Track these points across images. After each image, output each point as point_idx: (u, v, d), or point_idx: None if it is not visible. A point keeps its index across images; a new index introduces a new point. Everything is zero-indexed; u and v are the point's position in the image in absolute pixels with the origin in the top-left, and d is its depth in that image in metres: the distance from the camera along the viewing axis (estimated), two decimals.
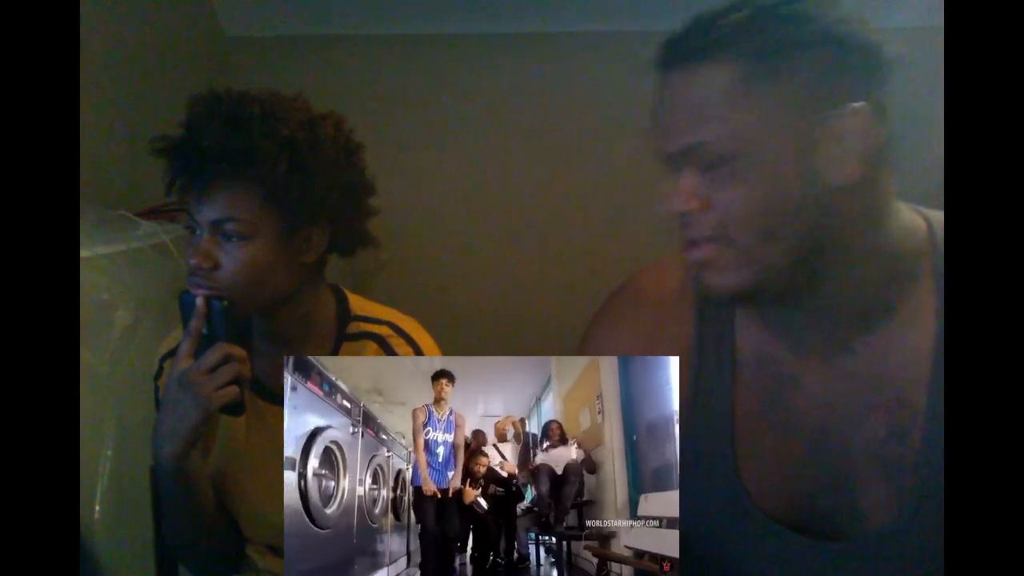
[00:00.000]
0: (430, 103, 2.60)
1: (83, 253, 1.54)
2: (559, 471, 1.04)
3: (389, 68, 2.59)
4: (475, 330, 2.66)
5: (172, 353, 1.26)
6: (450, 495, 1.03)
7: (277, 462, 1.23)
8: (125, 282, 1.61)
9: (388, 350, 1.21)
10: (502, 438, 1.05)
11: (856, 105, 0.80)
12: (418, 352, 1.21)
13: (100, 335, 1.55)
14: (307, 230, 1.15)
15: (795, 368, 0.91)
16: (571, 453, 1.04)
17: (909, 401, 0.87)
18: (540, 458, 1.04)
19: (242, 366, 1.11)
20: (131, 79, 2.16)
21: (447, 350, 1.26)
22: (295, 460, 1.01)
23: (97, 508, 1.51)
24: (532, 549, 1.03)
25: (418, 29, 2.54)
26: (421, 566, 1.04)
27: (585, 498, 1.03)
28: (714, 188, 0.82)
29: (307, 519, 0.99)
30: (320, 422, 1.02)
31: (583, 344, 1.03)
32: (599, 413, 1.08)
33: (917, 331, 0.87)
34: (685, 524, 0.95)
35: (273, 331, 1.21)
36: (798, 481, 0.91)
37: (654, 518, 0.95)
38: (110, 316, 1.57)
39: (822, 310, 0.88)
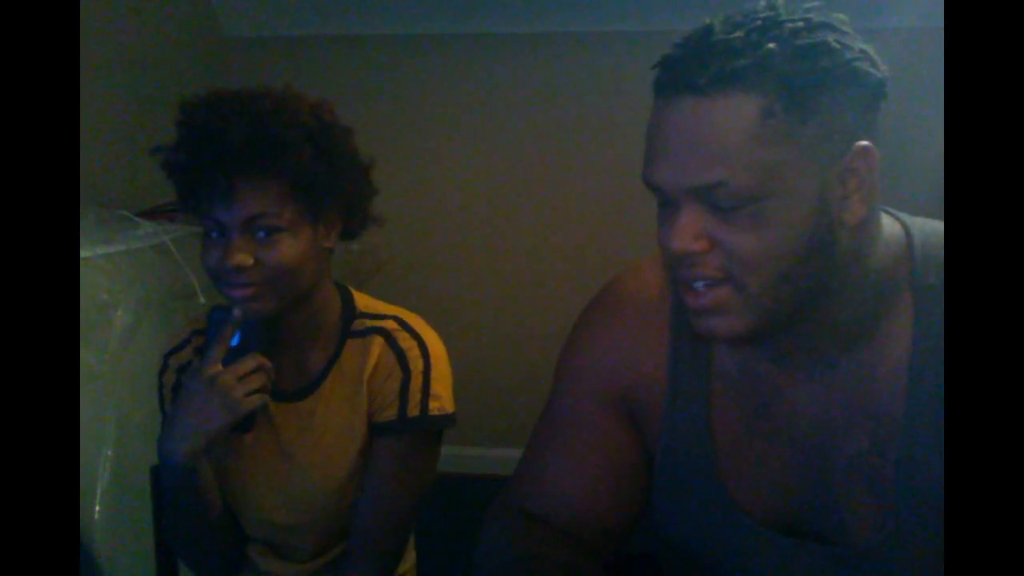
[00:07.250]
0: (430, 103, 2.60)
1: (83, 253, 1.54)
2: None
3: (389, 68, 2.59)
4: (475, 331, 2.66)
5: (177, 349, 1.26)
6: None
7: (279, 461, 1.23)
8: (125, 282, 1.61)
9: (393, 344, 1.20)
10: None
11: (863, 144, 0.78)
12: (423, 347, 1.21)
13: (100, 335, 1.55)
14: (329, 214, 1.17)
15: (779, 381, 0.89)
16: None
17: (891, 414, 0.85)
18: None
19: (267, 377, 1.13)
20: (131, 79, 2.16)
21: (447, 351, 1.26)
22: None
23: (97, 508, 1.51)
24: None
25: (418, 29, 2.54)
26: None
27: None
28: (724, 229, 0.78)
29: None
30: None
31: (563, 351, 1.01)
32: None
33: (896, 343, 0.86)
34: (668, 527, 0.94)
35: (280, 331, 1.20)
36: (784, 487, 0.90)
37: None
38: (110, 316, 1.57)
39: (810, 331, 0.85)
